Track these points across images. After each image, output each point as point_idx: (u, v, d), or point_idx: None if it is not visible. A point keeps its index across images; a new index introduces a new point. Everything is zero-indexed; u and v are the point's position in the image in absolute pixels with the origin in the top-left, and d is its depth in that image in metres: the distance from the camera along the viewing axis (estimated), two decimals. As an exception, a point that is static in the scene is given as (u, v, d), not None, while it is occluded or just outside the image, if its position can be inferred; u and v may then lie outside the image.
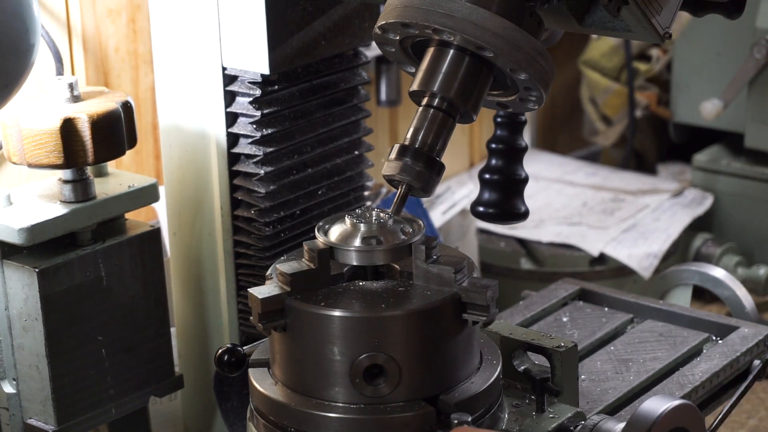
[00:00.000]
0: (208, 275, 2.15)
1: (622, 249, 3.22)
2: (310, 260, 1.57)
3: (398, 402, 1.53)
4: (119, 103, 1.93)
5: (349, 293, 1.56)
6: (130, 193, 1.99)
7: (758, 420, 2.90)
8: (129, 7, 2.53)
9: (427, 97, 1.59)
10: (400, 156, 1.57)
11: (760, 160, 3.44)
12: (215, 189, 2.08)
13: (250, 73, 2.01)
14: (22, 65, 1.95)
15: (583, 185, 3.62)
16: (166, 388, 2.10)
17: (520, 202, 1.81)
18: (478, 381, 1.58)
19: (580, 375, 1.83)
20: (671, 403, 1.59)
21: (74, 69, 2.47)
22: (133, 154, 2.59)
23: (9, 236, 1.87)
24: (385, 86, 3.20)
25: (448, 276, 1.54)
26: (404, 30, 1.58)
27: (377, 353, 1.51)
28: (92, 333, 1.96)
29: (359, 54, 2.16)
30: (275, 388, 1.59)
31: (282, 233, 2.09)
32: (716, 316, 2.06)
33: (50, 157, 1.88)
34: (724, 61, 3.44)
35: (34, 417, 1.96)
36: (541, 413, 1.65)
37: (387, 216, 1.60)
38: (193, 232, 2.14)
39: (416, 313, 1.52)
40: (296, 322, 1.55)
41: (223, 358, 1.62)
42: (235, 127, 2.05)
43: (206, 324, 2.18)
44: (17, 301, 1.91)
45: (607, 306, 2.12)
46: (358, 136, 2.19)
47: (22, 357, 1.94)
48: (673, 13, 1.60)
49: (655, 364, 1.92)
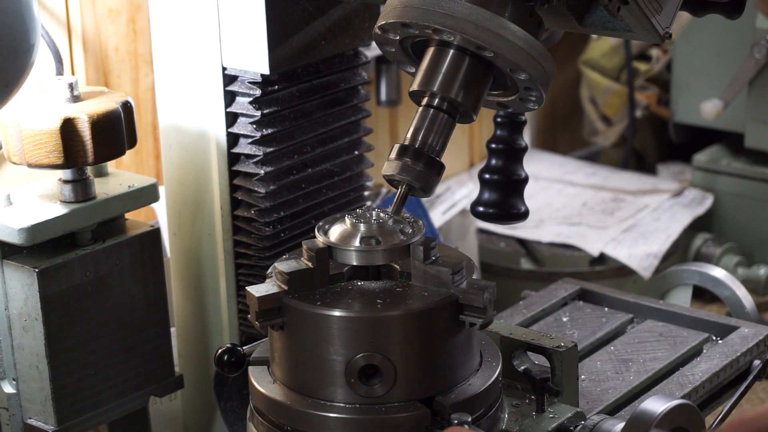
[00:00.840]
0: (208, 275, 2.15)
1: (622, 249, 3.22)
2: (309, 259, 1.57)
3: (394, 403, 1.53)
4: (119, 103, 1.93)
5: (347, 293, 1.56)
6: (130, 193, 1.99)
7: (758, 420, 2.89)
8: (129, 7, 2.53)
9: (427, 97, 1.59)
10: (400, 156, 1.57)
11: (760, 160, 3.44)
12: (215, 189, 2.08)
13: (250, 73, 2.01)
14: (22, 65, 1.95)
15: (583, 185, 3.62)
16: (166, 388, 2.10)
17: (520, 202, 1.81)
18: (476, 382, 1.58)
19: (580, 375, 1.83)
20: (671, 403, 1.59)
21: (74, 69, 2.47)
22: (133, 154, 2.59)
23: (9, 236, 1.87)
24: (385, 86, 3.20)
25: (445, 277, 1.54)
26: (404, 30, 1.58)
27: (373, 353, 1.51)
28: (92, 333, 1.96)
29: (359, 54, 2.16)
30: (273, 386, 1.59)
31: (282, 233, 2.09)
32: (716, 316, 2.06)
33: (50, 157, 1.88)
34: (724, 61, 3.44)
35: (34, 417, 1.96)
36: (541, 413, 1.65)
37: (387, 216, 1.60)
38: (193, 232, 2.14)
39: (411, 314, 1.52)
40: (293, 320, 1.55)
41: (223, 358, 1.63)
42: (235, 127, 2.05)
43: (206, 324, 2.18)
44: (17, 301, 1.91)
45: (607, 306, 2.12)
46: (358, 136, 2.19)
47: (22, 357, 1.94)
48: (673, 13, 1.60)
49: (655, 364, 1.92)
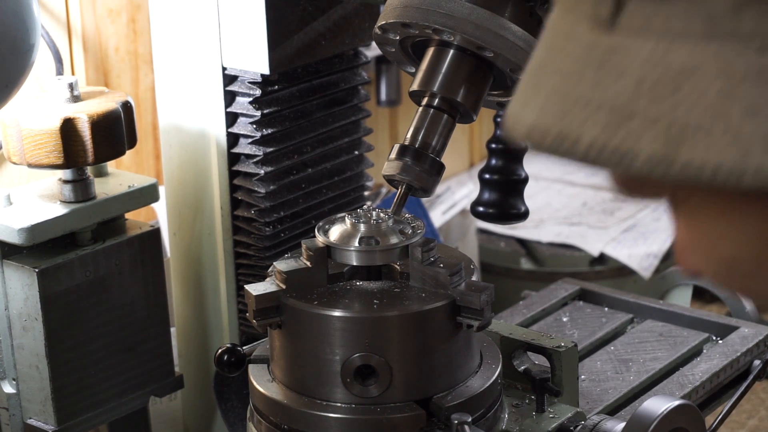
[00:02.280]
0: (208, 275, 2.15)
1: (622, 249, 3.23)
2: (308, 259, 1.57)
3: (390, 403, 1.53)
4: (119, 103, 1.93)
5: (345, 293, 1.56)
6: (130, 193, 1.99)
7: (758, 420, 2.90)
8: (129, 7, 2.53)
9: (427, 97, 1.59)
10: (400, 156, 1.57)
11: (761, 160, 3.44)
12: (215, 189, 2.08)
13: (250, 73, 2.01)
14: (22, 65, 1.95)
15: (583, 185, 3.62)
16: (166, 388, 2.10)
17: (520, 202, 1.81)
18: (474, 383, 1.58)
19: (580, 375, 1.83)
20: (671, 403, 1.59)
21: (74, 69, 2.47)
22: (133, 154, 2.59)
23: (9, 236, 1.87)
24: (385, 86, 3.20)
25: (443, 278, 1.54)
26: (404, 30, 1.58)
27: (369, 354, 1.51)
28: (92, 333, 1.96)
29: (359, 54, 2.16)
30: (271, 385, 1.59)
31: (282, 233, 2.09)
32: (716, 316, 2.06)
33: (50, 157, 1.88)
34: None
35: (34, 417, 1.96)
36: (541, 413, 1.65)
37: (387, 216, 1.60)
38: (193, 232, 2.14)
39: (408, 315, 1.52)
40: (291, 319, 1.55)
41: (223, 358, 1.63)
42: (235, 127, 2.05)
43: (206, 324, 2.18)
44: (17, 301, 1.91)
45: (607, 306, 2.12)
46: (358, 136, 2.19)
47: (22, 357, 1.94)
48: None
49: (655, 364, 1.92)
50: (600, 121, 0.73)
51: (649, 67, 0.72)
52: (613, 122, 0.72)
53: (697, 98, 0.70)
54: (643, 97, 0.71)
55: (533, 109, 0.77)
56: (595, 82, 0.74)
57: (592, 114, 0.73)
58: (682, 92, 0.71)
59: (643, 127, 0.71)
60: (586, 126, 0.73)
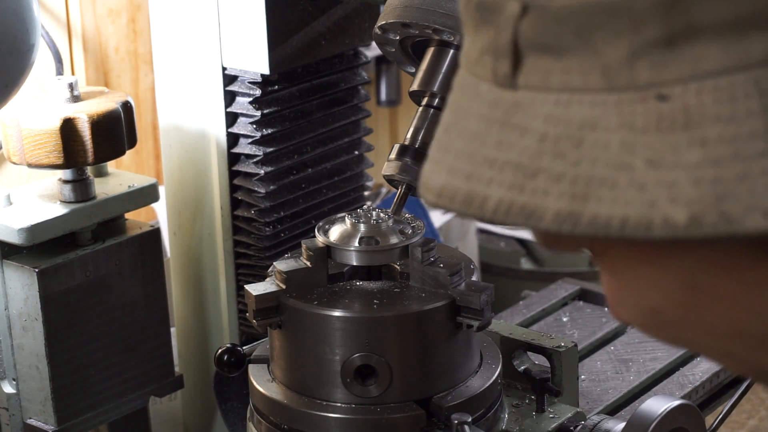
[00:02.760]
0: (208, 275, 2.15)
1: (623, 249, 3.22)
2: (308, 259, 1.57)
3: (390, 403, 1.53)
4: (119, 103, 1.93)
5: (344, 293, 1.56)
6: (130, 193, 1.99)
7: (758, 420, 2.90)
8: (129, 7, 2.53)
9: (427, 97, 1.59)
10: (400, 156, 1.57)
11: (761, 160, 3.44)
12: (215, 189, 2.08)
13: (250, 73, 2.01)
14: (22, 65, 1.94)
15: (583, 185, 3.62)
16: (166, 388, 2.10)
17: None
18: (474, 383, 1.58)
19: (580, 375, 1.83)
20: (671, 403, 1.59)
21: (74, 69, 2.47)
22: (133, 154, 2.59)
23: (9, 236, 1.87)
24: (385, 86, 3.20)
25: (443, 278, 1.54)
26: (404, 30, 1.58)
27: (369, 354, 1.51)
28: (92, 333, 1.96)
29: (359, 54, 2.16)
30: (271, 385, 1.59)
31: (282, 233, 2.09)
32: (716, 316, 2.06)
33: (50, 157, 1.88)
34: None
35: (34, 417, 1.96)
36: (541, 413, 1.65)
37: (387, 216, 1.59)
38: (193, 232, 2.14)
39: (407, 316, 1.52)
40: (290, 319, 1.55)
41: (223, 358, 1.63)
42: (235, 127, 2.05)
43: (206, 324, 2.18)
44: (17, 301, 1.91)
45: (607, 306, 2.12)
46: (358, 136, 2.19)
47: (22, 357, 1.94)
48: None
49: (655, 364, 1.92)
50: (505, 180, 0.72)
51: (550, 123, 0.71)
52: (518, 181, 0.71)
53: (599, 152, 0.69)
54: (547, 153, 0.70)
55: (442, 171, 0.76)
56: (499, 141, 0.73)
57: (497, 174, 0.72)
58: (584, 146, 0.69)
59: (548, 184, 0.70)
60: (492, 186, 0.72)
